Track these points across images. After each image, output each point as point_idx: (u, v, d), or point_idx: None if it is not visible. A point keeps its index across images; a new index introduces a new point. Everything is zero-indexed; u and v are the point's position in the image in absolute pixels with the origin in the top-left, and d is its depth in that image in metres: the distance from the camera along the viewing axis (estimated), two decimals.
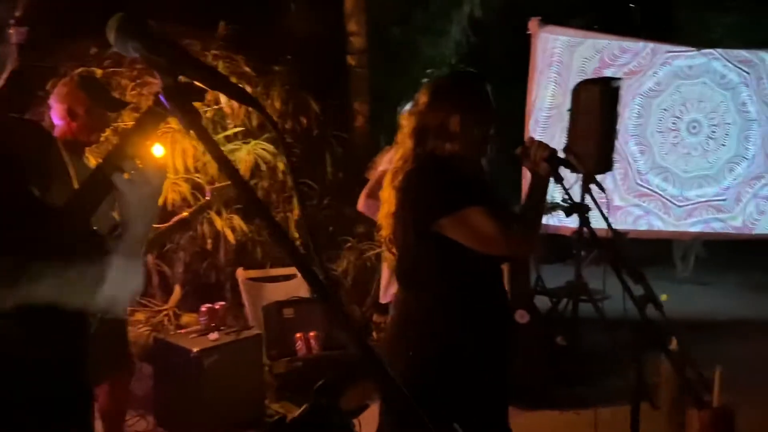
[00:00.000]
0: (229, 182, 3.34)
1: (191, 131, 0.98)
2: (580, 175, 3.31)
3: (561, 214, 3.89)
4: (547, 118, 5.89)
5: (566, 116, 4.51)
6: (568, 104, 4.95)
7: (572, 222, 5.17)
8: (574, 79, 5.83)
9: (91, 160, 2.96)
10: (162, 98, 1.01)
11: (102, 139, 2.92)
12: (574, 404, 4.13)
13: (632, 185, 6.06)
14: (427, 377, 2.02)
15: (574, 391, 4.32)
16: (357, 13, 5.65)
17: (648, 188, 6.14)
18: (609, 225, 2.67)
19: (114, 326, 2.83)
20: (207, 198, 3.21)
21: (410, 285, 2.19)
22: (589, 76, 5.85)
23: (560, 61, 5.92)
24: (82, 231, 1.25)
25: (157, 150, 3.13)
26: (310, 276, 0.94)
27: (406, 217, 2.11)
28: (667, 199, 6.18)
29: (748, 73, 6.34)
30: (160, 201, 1.56)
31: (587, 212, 2.11)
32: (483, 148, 2.18)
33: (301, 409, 1.89)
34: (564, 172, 2.30)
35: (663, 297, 2.04)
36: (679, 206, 6.21)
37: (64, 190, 1.43)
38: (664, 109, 6.17)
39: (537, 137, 5.65)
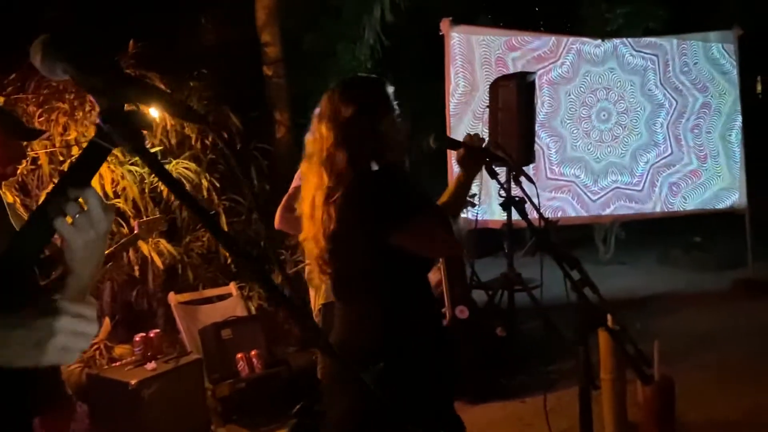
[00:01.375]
0: (156, 215, 3.23)
1: (137, 156, 0.93)
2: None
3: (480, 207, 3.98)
4: (461, 113, 5.99)
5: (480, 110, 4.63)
6: (484, 98, 5.06)
7: (500, 215, 5.35)
8: (486, 73, 6.00)
9: (8, 196, 2.79)
10: (101, 123, 0.94)
11: (20, 170, 2.75)
12: (519, 393, 4.22)
13: (545, 182, 6.19)
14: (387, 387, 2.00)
15: (518, 380, 4.42)
16: (270, 23, 5.58)
17: (563, 180, 6.32)
18: (540, 215, 2.74)
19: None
20: (135, 232, 3.08)
21: (355, 300, 2.14)
22: (497, 61, 6.02)
23: (472, 57, 6.04)
24: (23, 283, 1.13)
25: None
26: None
27: (352, 234, 2.03)
28: (582, 190, 6.38)
29: (654, 56, 6.63)
30: None
31: (524, 205, 2.15)
32: (406, 149, 2.18)
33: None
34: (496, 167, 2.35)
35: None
36: (594, 200, 6.42)
37: None
38: (574, 97, 6.38)
39: (452, 133, 5.82)
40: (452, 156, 5.67)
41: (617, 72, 6.48)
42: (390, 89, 2.16)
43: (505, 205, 2.16)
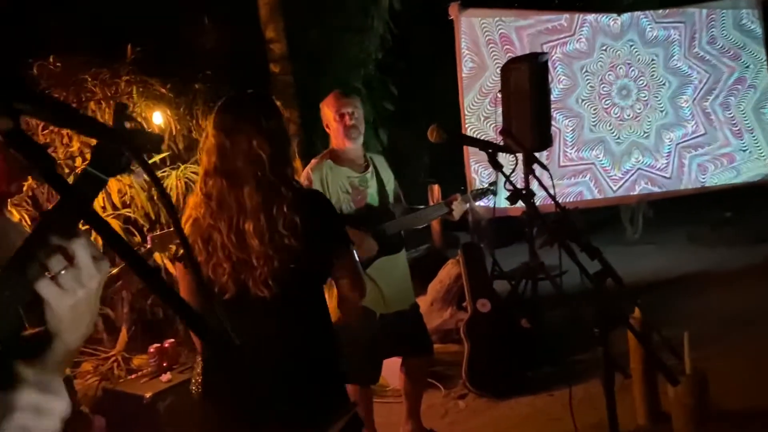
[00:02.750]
0: (170, 228, 3.10)
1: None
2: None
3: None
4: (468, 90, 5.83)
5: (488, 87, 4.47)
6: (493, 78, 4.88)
7: (520, 203, 5.19)
8: (495, 54, 5.83)
9: (14, 214, 2.73)
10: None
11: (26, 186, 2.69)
12: (546, 386, 4.08)
13: (562, 167, 5.99)
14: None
15: (544, 373, 4.28)
16: (273, 19, 5.48)
17: (582, 164, 6.12)
18: (557, 203, 2.60)
19: None
20: (148, 246, 2.99)
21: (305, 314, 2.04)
22: (505, 38, 5.84)
23: (481, 39, 5.88)
24: None
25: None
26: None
27: (303, 252, 1.92)
28: (602, 174, 6.16)
29: (680, 24, 6.32)
30: None
31: (532, 197, 2.01)
32: None
33: None
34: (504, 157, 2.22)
35: None
36: (616, 186, 6.21)
37: None
38: (591, 73, 6.16)
39: (469, 123, 5.68)
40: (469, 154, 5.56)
41: (637, 45, 6.23)
42: None
43: (512, 199, 2.03)
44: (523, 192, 2.00)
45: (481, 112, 5.75)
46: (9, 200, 2.70)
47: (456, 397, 4.19)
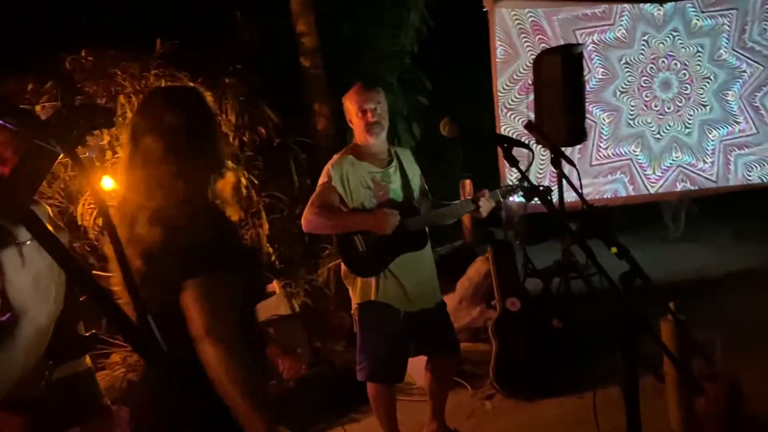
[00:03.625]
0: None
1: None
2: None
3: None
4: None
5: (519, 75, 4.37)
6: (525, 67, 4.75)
7: (555, 198, 5.07)
8: (528, 44, 5.69)
9: (43, 205, 2.76)
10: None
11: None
12: (576, 388, 3.96)
13: (597, 162, 5.81)
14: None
15: (574, 374, 4.15)
16: (305, 13, 5.44)
17: (619, 160, 5.93)
18: (583, 200, 2.50)
19: (71, 381, 2.67)
20: None
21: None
22: (537, 28, 5.69)
23: (515, 29, 5.75)
24: None
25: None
26: None
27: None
28: (639, 171, 5.95)
29: (730, 13, 6.06)
30: None
31: (549, 194, 1.92)
32: None
33: None
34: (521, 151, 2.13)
35: (613, 250, 1.86)
36: (652, 188, 5.98)
37: None
38: (631, 64, 5.95)
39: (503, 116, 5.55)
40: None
41: (681, 35, 6.00)
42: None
43: (528, 195, 1.94)
44: (540, 188, 1.91)
45: (507, 99, 5.62)
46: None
47: (483, 398, 4.10)
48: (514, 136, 5.33)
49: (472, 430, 3.73)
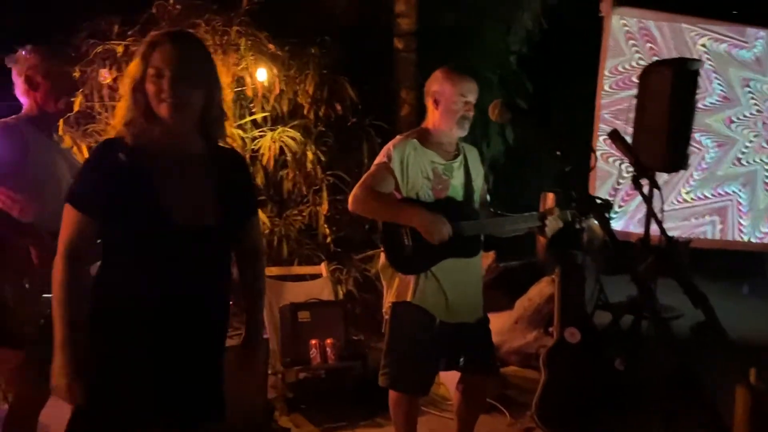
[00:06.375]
0: None
1: None
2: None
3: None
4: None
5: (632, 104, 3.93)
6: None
7: (640, 226, 4.59)
8: (642, 53, 5.21)
9: (67, 140, 2.66)
10: None
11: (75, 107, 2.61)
12: None
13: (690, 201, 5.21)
14: None
15: (633, 422, 3.71)
16: None
17: (719, 200, 5.31)
18: (663, 230, 2.12)
19: None
20: None
21: None
22: (647, 32, 5.19)
23: (622, 37, 5.27)
24: None
25: None
26: None
27: None
28: (736, 217, 5.30)
29: None
30: None
31: (608, 210, 1.56)
32: None
33: None
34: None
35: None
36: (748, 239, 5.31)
37: None
38: (758, 92, 5.30)
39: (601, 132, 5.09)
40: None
41: None
42: None
43: (582, 209, 1.59)
44: (599, 202, 1.56)
45: (609, 109, 5.16)
46: (61, 121, 2.63)
47: (521, 429, 3.75)
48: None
49: None
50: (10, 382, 2.72)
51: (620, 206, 4.65)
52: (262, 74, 4.11)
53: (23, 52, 2.50)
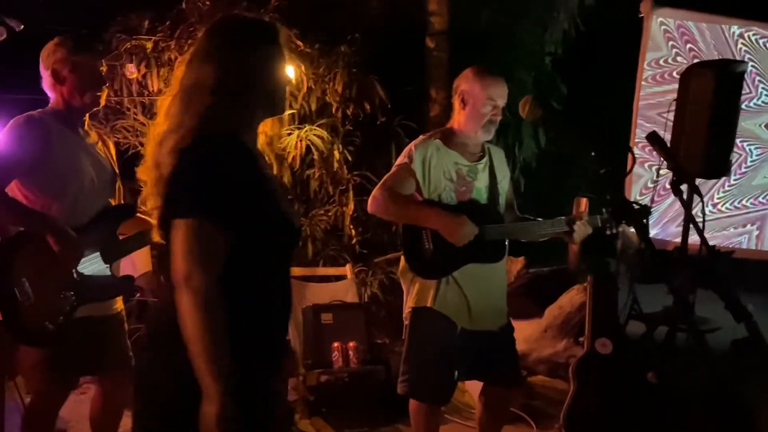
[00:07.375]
0: None
1: None
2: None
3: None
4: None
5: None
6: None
7: (677, 235, 4.42)
8: (682, 52, 5.04)
9: (93, 135, 2.63)
10: None
11: (103, 102, 2.56)
12: None
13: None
14: None
15: None
16: None
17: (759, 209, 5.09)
18: (704, 240, 1.99)
19: (94, 324, 2.52)
20: None
21: None
22: (686, 31, 5.01)
23: (660, 36, 5.10)
24: None
25: None
26: None
27: None
28: None
29: None
30: None
31: (646, 216, 1.45)
32: None
33: None
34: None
35: None
36: None
37: None
38: None
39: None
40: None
41: None
42: None
43: (618, 216, 1.48)
44: (635, 206, 1.44)
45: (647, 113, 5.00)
46: (87, 115, 2.60)
47: None
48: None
49: None
50: (30, 380, 2.70)
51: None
52: (290, 72, 4.06)
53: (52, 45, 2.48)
